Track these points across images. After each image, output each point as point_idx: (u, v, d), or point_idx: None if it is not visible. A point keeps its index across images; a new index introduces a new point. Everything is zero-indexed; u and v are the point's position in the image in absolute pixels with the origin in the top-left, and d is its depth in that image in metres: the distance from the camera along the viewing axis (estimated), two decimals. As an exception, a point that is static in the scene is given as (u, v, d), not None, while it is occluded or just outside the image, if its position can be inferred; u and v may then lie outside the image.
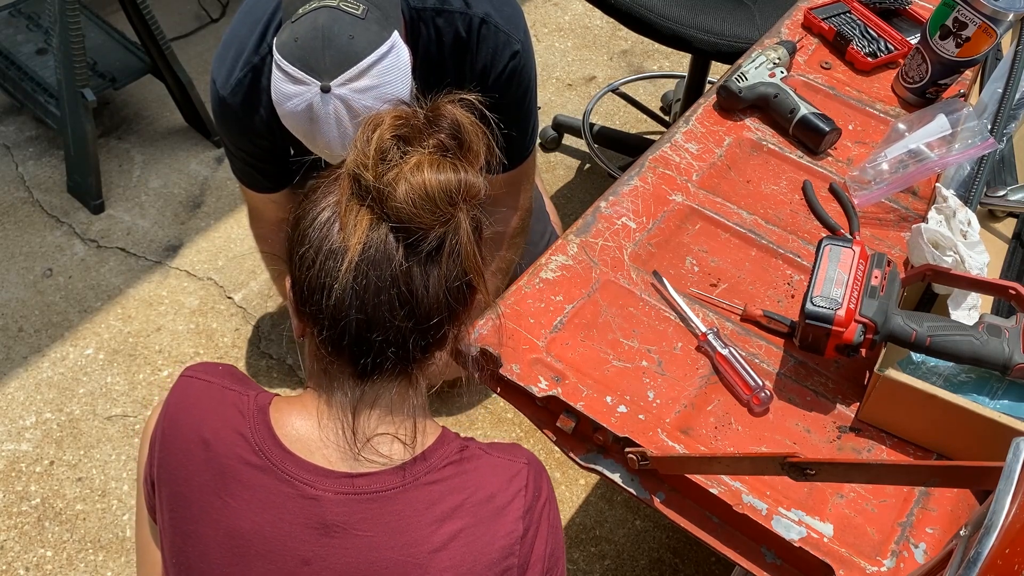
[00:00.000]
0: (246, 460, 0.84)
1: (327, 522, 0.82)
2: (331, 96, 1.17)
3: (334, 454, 0.84)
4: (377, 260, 0.79)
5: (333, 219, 0.82)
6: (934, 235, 1.11)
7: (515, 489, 0.87)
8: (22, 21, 2.35)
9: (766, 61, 1.36)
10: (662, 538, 1.77)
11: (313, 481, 0.83)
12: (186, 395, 0.90)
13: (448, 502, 0.84)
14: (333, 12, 1.18)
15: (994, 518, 0.60)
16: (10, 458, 1.80)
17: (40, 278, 2.10)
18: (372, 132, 0.80)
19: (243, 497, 0.83)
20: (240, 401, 0.88)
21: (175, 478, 0.87)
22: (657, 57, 2.79)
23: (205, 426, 0.86)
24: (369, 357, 0.83)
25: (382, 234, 0.79)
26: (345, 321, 0.81)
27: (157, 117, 2.48)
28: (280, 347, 2.02)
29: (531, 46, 1.47)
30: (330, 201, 0.83)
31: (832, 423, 1.03)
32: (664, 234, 1.20)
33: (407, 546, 0.82)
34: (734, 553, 0.96)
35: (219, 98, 1.40)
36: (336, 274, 0.80)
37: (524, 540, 0.86)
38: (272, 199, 1.61)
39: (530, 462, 0.91)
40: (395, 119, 0.81)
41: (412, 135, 0.81)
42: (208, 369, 0.92)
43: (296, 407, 0.87)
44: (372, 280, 0.80)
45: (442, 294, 0.82)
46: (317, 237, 0.82)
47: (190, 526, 0.85)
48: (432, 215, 0.79)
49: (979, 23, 1.28)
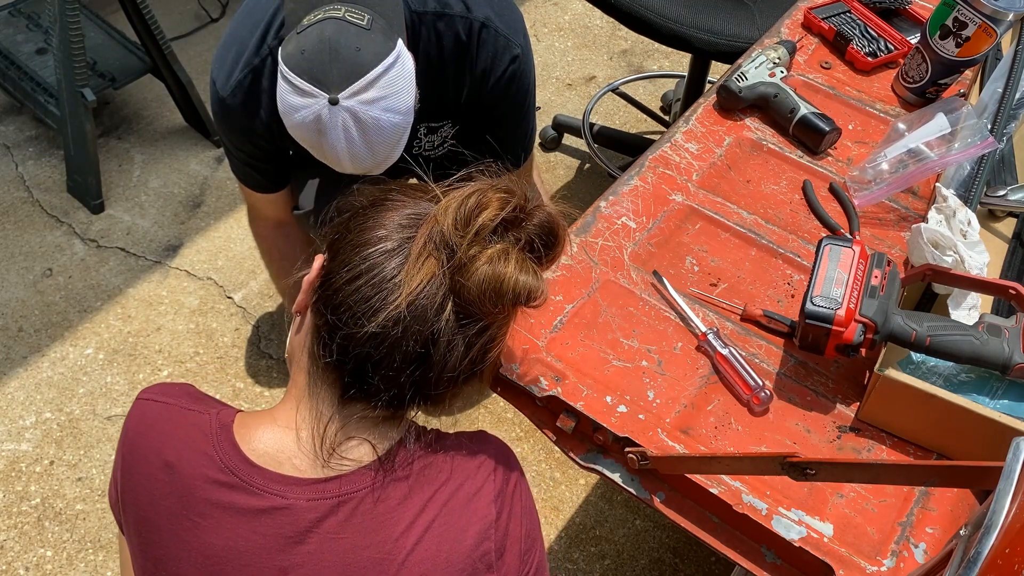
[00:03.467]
0: (212, 479, 0.83)
1: (300, 529, 0.82)
2: (339, 109, 1.17)
3: (304, 462, 0.84)
4: (419, 315, 0.79)
5: (398, 252, 0.81)
6: (934, 235, 1.11)
7: (484, 475, 0.88)
8: (22, 21, 2.35)
9: (766, 61, 1.36)
10: (662, 538, 1.77)
11: (283, 491, 0.82)
12: (144, 418, 0.89)
13: (419, 495, 0.85)
14: (339, 24, 1.18)
15: (994, 518, 0.60)
16: (10, 458, 1.80)
17: (40, 278, 2.10)
18: (481, 204, 0.80)
19: (213, 516, 0.82)
20: (201, 421, 0.87)
21: (139, 503, 0.86)
22: (657, 57, 2.79)
23: (167, 449, 0.85)
24: (359, 390, 0.83)
25: (439, 293, 0.80)
26: (357, 351, 0.81)
27: (157, 117, 2.48)
28: (280, 347, 2.02)
29: (531, 50, 1.48)
30: (401, 231, 0.82)
31: (832, 423, 1.03)
32: (664, 234, 1.20)
33: (383, 543, 0.83)
34: (734, 553, 0.96)
35: (219, 99, 1.40)
36: (374, 305, 0.79)
37: (498, 523, 0.87)
38: (271, 199, 1.61)
39: (497, 447, 0.92)
40: (504, 201, 0.81)
41: (511, 222, 0.82)
42: (164, 390, 0.91)
43: (264, 420, 0.87)
44: (402, 330, 0.79)
45: (459, 371, 0.83)
46: (374, 257, 0.81)
47: (160, 551, 0.84)
48: (494, 306, 0.80)
49: (979, 23, 1.28)
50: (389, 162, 1.28)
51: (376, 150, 1.23)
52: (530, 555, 0.90)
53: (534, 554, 0.91)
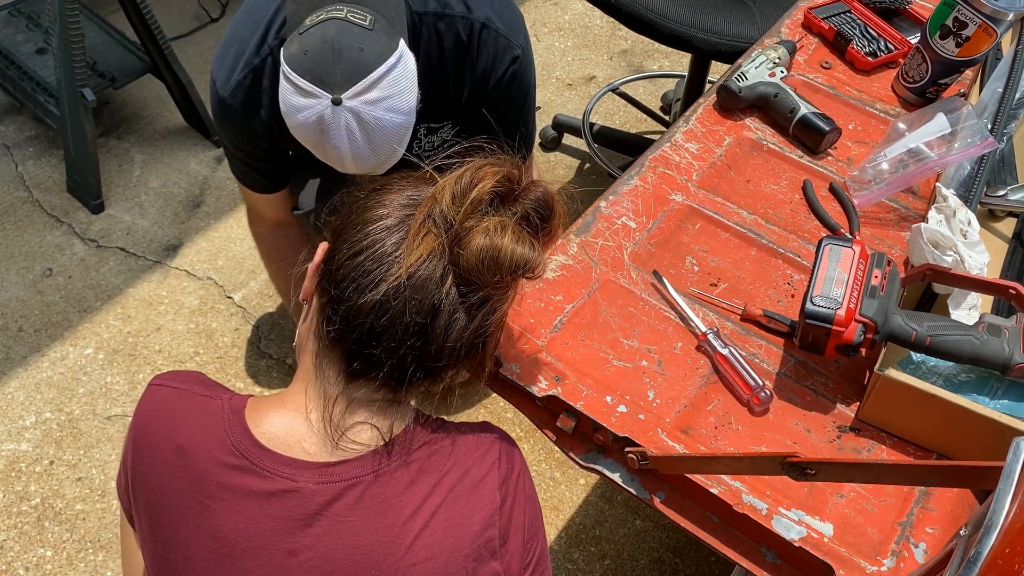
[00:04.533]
0: (224, 462, 0.84)
1: (309, 512, 0.83)
2: (342, 109, 1.18)
3: (313, 445, 0.86)
4: (420, 286, 0.82)
5: (398, 228, 0.84)
6: (934, 235, 1.11)
7: (489, 462, 0.89)
8: (22, 20, 2.35)
9: (766, 61, 1.36)
10: (662, 538, 1.77)
11: (293, 474, 0.84)
12: (156, 403, 0.91)
13: (426, 481, 0.86)
14: (342, 24, 1.18)
15: (994, 518, 0.60)
16: (10, 458, 1.80)
17: (40, 278, 2.10)
18: (476, 178, 0.83)
19: (223, 498, 0.84)
20: (213, 406, 0.88)
21: (150, 486, 0.87)
22: (657, 57, 2.79)
23: (179, 433, 0.87)
24: (363, 363, 0.85)
25: (438, 267, 0.82)
26: (359, 321, 0.83)
27: (157, 117, 2.48)
28: (280, 347, 2.02)
29: (531, 51, 1.48)
30: (402, 211, 0.85)
31: (832, 423, 1.03)
32: (664, 234, 1.20)
33: (390, 527, 0.84)
34: (734, 553, 0.96)
35: (219, 99, 1.40)
36: (375, 278, 0.82)
37: (502, 510, 0.88)
38: (271, 199, 1.61)
39: (501, 436, 0.93)
40: (500, 177, 0.84)
41: (508, 197, 0.85)
42: (177, 377, 0.93)
43: (274, 404, 0.89)
44: (403, 301, 0.81)
45: (460, 343, 0.85)
46: (375, 233, 0.84)
47: (171, 532, 0.85)
48: (493, 278, 0.82)
49: (979, 23, 1.28)
50: (391, 162, 1.28)
51: (379, 150, 1.24)
52: (533, 543, 0.92)
53: (536, 542, 0.92)
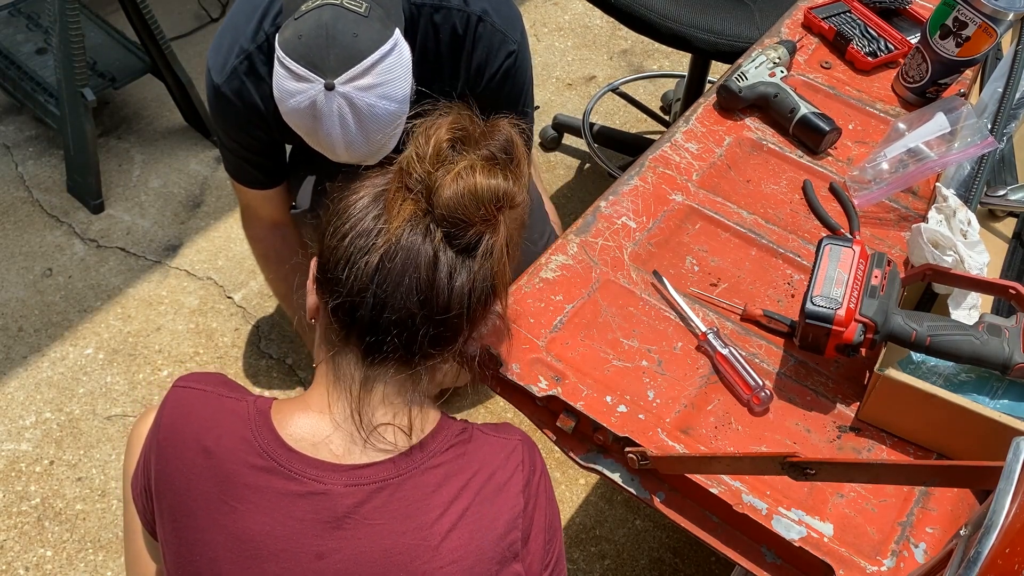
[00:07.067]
0: (251, 463, 0.84)
1: (338, 515, 0.83)
2: (335, 94, 1.17)
3: (340, 447, 0.86)
4: (410, 246, 0.83)
5: (374, 203, 0.86)
6: (934, 235, 1.11)
7: (513, 465, 0.90)
8: (22, 21, 2.35)
9: (766, 61, 1.36)
10: (662, 538, 1.77)
11: (321, 476, 0.84)
12: (182, 405, 0.90)
13: (453, 484, 0.86)
14: (337, 9, 1.18)
15: (994, 518, 0.60)
16: (10, 458, 1.80)
17: (40, 278, 2.10)
18: (430, 131, 0.86)
19: (251, 500, 0.84)
20: (238, 408, 0.88)
21: (175, 488, 0.87)
22: (657, 57, 2.79)
23: (206, 434, 0.87)
24: (377, 336, 0.85)
25: (422, 224, 0.84)
26: (363, 295, 0.84)
27: (157, 117, 2.48)
28: (280, 347, 2.02)
29: (528, 47, 1.47)
30: (375, 189, 0.87)
31: (832, 423, 1.03)
32: (664, 234, 1.20)
33: (417, 530, 0.84)
34: (734, 553, 0.96)
35: (214, 87, 1.38)
36: (367, 249, 0.84)
37: (525, 513, 0.89)
38: (266, 196, 1.59)
39: (523, 439, 0.94)
40: (453, 123, 0.86)
41: (467, 140, 0.86)
42: (201, 378, 0.93)
43: (298, 406, 0.89)
44: (400, 262, 0.83)
45: (466, 291, 0.85)
46: (355, 214, 0.86)
47: (196, 535, 0.85)
48: (477, 212, 0.83)
49: (979, 23, 1.28)
50: (384, 151, 1.27)
51: (371, 138, 1.23)
52: (552, 545, 0.92)
53: (555, 544, 0.93)
